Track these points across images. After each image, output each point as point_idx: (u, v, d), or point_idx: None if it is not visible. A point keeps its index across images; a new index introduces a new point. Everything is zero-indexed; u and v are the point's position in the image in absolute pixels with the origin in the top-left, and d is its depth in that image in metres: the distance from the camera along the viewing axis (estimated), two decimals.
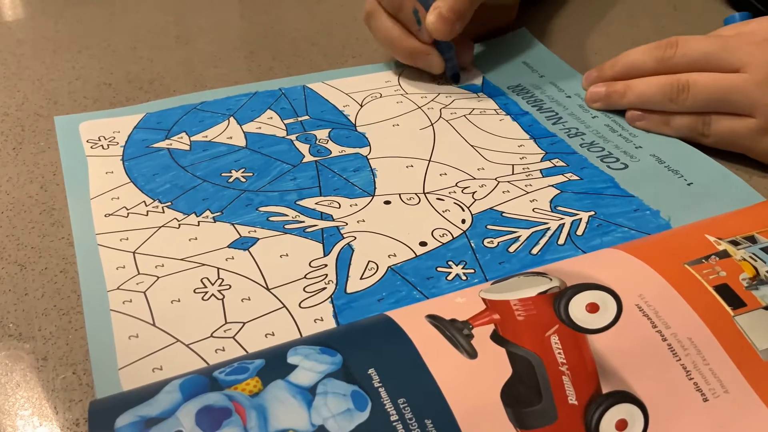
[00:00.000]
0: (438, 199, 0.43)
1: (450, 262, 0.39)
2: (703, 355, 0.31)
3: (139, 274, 0.38)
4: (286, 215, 0.42)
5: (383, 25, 0.52)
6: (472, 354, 0.30)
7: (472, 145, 0.47)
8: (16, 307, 0.37)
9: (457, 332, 0.31)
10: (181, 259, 0.39)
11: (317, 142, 0.48)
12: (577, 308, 0.32)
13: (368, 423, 0.28)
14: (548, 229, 0.41)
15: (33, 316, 0.36)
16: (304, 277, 0.38)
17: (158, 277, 0.38)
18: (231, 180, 0.45)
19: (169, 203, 0.43)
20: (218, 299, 0.37)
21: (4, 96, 0.53)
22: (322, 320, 0.36)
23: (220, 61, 0.57)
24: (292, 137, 0.48)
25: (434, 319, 0.32)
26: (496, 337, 0.31)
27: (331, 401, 0.29)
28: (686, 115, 0.47)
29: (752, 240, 0.36)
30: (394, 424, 0.28)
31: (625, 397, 0.29)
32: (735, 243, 0.36)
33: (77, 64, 0.57)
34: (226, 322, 0.36)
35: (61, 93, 0.53)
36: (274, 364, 0.30)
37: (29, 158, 0.47)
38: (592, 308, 0.32)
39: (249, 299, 0.37)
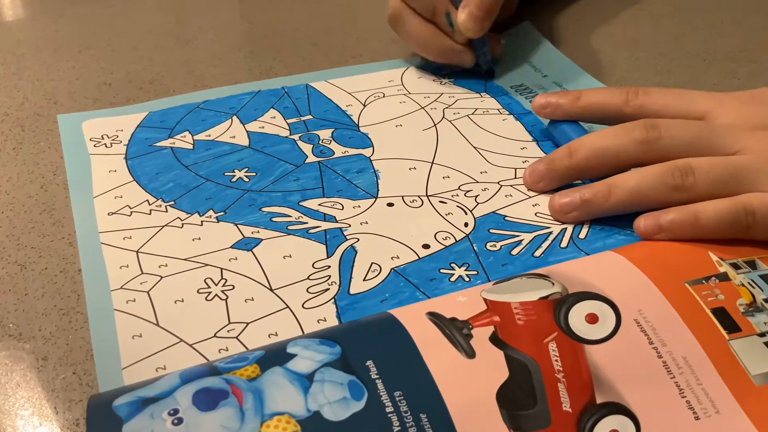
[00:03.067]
0: (441, 202, 0.43)
1: (453, 264, 0.39)
2: (696, 375, 0.31)
3: (142, 273, 0.38)
4: (289, 216, 0.42)
5: (414, 26, 0.52)
6: (470, 354, 0.31)
7: (474, 147, 0.47)
8: (16, 307, 0.37)
9: (456, 331, 0.31)
10: (185, 259, 0.39)
11: (320, 142, 0.48)
12: (576, 317, 0.32)
13: (364, 412, 0.28)
14: (550, 233, 0.41)
15: (33, 316, 0.36)
16: (308, 278, 0.38)
17: (162, 277, 0.38)
18: (234, 179, 0.44)
19: (173, 202, 0.43)
20: (222, 299, 0.37)
21: (4, 96, 0.53)
22: (325, 321, 0.36)
23: (220, 61, 0.57)
24: (295, 137, 0.48)
25: (434, 317, 0.32)
26: (495, 339, 0.31)
27: (328, 389, 0.29)
28: (717, 206, 0.38)
29: (752, 265, 0.36)
30: (389, 415, 0.28)
31: (618, 408, 0.30)
32: (736, 266, 0.36)
33: (77, 64, 0.57)
34: (229, 323, 0.35)
35: (61, 93, 0.53)
36: (273, 354, 0.31)
37: (29, 158, 0.47)
38: (592, 319, 0.32)
39: (252, 300, 0.37)
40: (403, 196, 0.43)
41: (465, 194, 0.43)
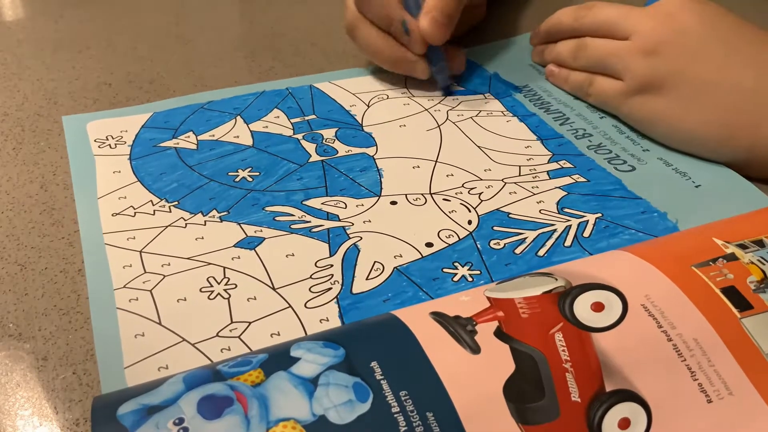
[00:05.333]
0: (444, 199, 0.43)
1: (456, 264, 0.39)
2: (708, 356, 0.30)
3: (145, 272, 0.38)
4: (293, 215, 0.42)
5: (370, 36, 0.51)
6: (475, 349, 0.30)
7: (478, 146, 0.47)
8: (16, 307, 0.37)
9: (460, 328, 0.31)
10: (188, 258, 0.39)
11: (324, 141, 0.47)
12: (582, 307, 0.32)
13: (369, 414, 0.28)
14: (555, 230, 0.40)
15: (33, 316, 0.36)
16: (310, 277, 0.38)
17: (164, 276, 0.38)
18: (238, 179, 0.44)
19: (176, 202, 0.42)
20: (224, 298, 0.36)
21: (4, 96, 0.53)
22: (327, 320, 0.35)
23: (220, 61, 0.57)
24: (299, 136, 0.48)
25: (438, 316, 0.32)
26: (499, 334, 0.31)
27: (332, 392, 0.28)
28: (580, 74, 0.51)
29: (760, 244, 0.36)
30: (395, 416, 0.28)
31: (628, 395, 0.29)
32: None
33: (77, 64, 0.57)
34: (231, 322, 0.35)
35: (61, 93, 0.53)
36: (277, 357, 0.30)
37: (29, 158, 0.47)
38: (597, 307, 0.32)
39: (255, 299, 0.36)
40: (406, 195, 0.43)
41: (469, 192, 0.43)
